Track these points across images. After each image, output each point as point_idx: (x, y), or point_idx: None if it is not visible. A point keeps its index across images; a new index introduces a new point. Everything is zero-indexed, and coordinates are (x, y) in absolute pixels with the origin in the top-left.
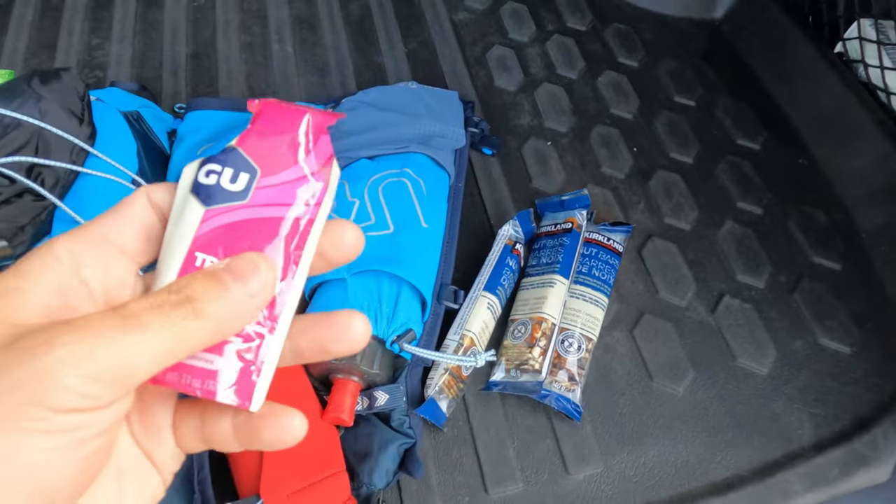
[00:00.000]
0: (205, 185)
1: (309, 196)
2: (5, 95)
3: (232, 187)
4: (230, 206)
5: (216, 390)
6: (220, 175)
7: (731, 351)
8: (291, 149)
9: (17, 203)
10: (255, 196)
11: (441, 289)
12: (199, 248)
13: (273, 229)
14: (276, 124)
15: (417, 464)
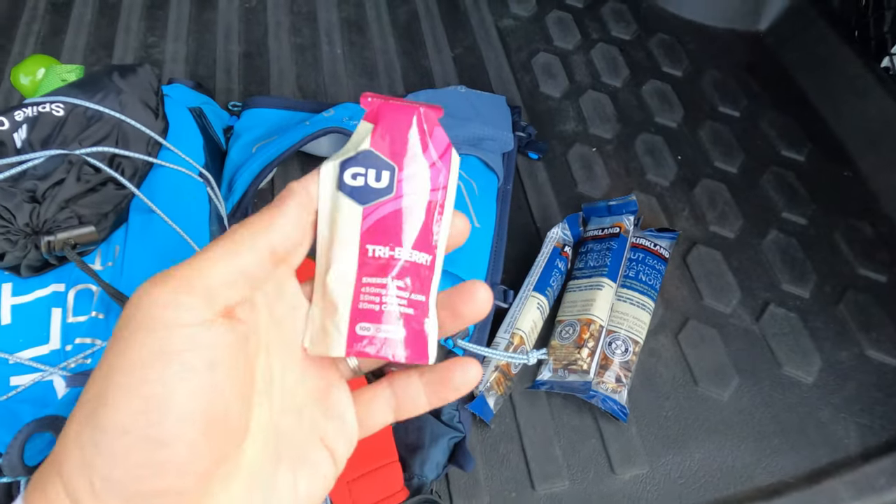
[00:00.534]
0: (356, 187)
1: (439, 180)
2: (88, 88)
3: (378, 185)
4: (382, 202)
5: (399, 353)
6: (365, 176)
7: (776, 359)
8: (416, 142)
9: (101, 191)
10: (399, 188)
11: (492, 288)
12: (369, 240)
13: (419, 214)
14: (395, 122)
15: (468, 457)
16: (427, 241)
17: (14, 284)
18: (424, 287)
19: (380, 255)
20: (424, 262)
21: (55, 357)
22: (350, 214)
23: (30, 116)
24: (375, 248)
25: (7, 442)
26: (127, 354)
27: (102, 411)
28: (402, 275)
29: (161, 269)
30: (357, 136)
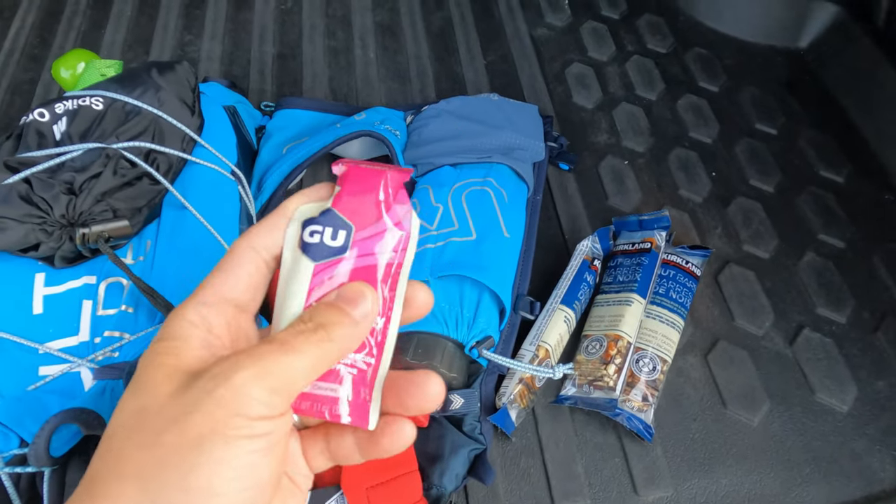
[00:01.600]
0: (311, 244)
1: (396, 243)
2: (127, 83)
3: (333, 243)
4: (334, 260)
5: (340, 414)
6: (322, 234)
7: (809, 385)
8: (377, 205)
9: (136, 186)
10: (353, 248)
11: (518, 299)
12: (317, 297)
13: (371, 275)
14: (361, 184)
15: (489, 470)
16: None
17: (47, 275)
18: (372, 350)
19: None
20: (374, 324)
21: (84, 349)
22: (303, 271)
23: (70, 109)
24: None
25: (34, 432)
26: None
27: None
28: None
29: (192, 266)
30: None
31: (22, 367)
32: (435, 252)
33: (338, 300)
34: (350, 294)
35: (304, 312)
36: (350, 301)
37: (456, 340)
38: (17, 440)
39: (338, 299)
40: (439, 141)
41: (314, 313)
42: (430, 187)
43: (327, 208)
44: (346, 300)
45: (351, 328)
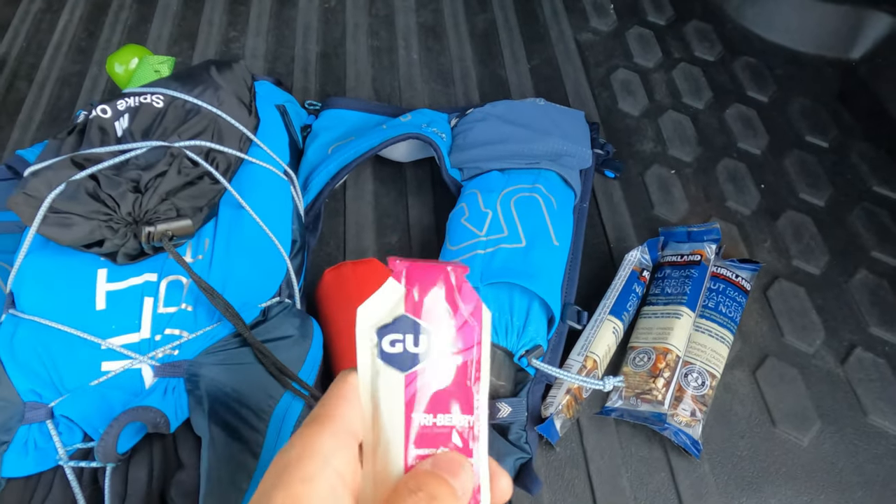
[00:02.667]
0: (396, 354)
1: (473, 337)
2: (187, 82)
3: (416, 350)
4: (422, 367)
5: None
6: (403, 342)
7: (861, 406)
8: (448, 303)
9: (198, 185)
10: (436, 351)
11: (565, 308)
12: (413, 409)
13: (458, 374)
14: (426, 283)
15: (536, 480)
16: (468, 402)
17: (109, 270)
18: (468, 451)
19: (425, 424)
20: (467, 423)
21: (145, 346)
22: (393, 383)
23: (131, 106)
24: (421, 418)
25: (96, 424)
26: None
27: None
28: (448, 442)
29: (248, 264)
30: (387, 299)
31: (85, 362)
32: (485, 258)
33: (437, 469)
34: (448, 465)
35: (412, 480)
36: (451, 472)
37: (505, 348)
38: (81, 434)
39: (436, 468)
40: (486, 145)
41: (423, 481)
42: (479, 192)
43: (401, 314)
44: (447, 470)
45: (454, 499)
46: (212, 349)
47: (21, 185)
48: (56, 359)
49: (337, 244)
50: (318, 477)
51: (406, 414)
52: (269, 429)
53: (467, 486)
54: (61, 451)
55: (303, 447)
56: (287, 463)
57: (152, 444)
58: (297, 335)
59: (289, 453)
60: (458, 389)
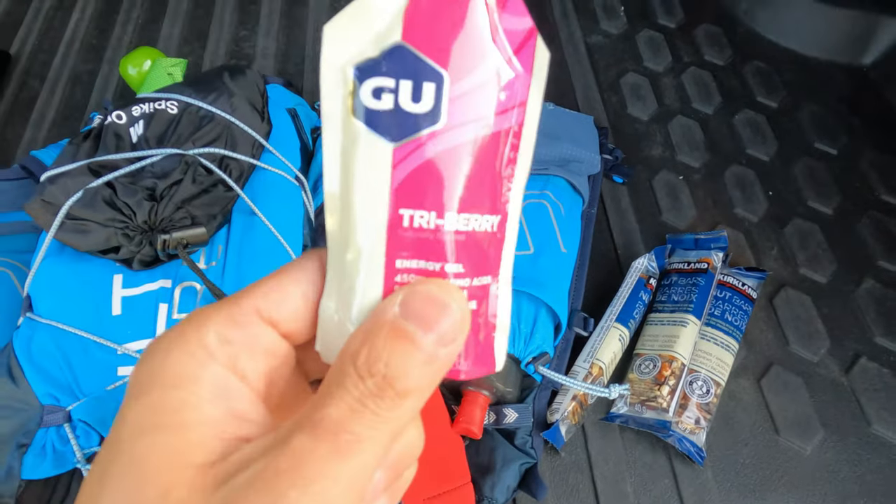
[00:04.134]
0: (382, 112)
1: (514, 92)
2: (201, 88)
3: (417, 108)
4: (423, 136)
5: (462, 366)
6: (396, 93)
7: (865, 416)
8: (478, 25)
9: (212, 193)
10: (450, 113)
11: (572, 314)
12: (404, 202)
13: (482, 154)
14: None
15: (541, 485)
16: (494, 196)
17: (124, 276)
18: (490, 264)
19: (420, 226)
20: (489, 227)
21: None
22: (374, 158)
23: (146, 113)
24: (414, 215)
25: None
26: None
27: None
28: (456, 253)
29: (261, 270)
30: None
31: (102, 367)
32: None
33: (404, 318)
34: (423, 310)
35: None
36: (425, 322)
37: (512, 355)
38: (98, 437)
39: (403, 315)
40: None
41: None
42: None
43: (397, 43)
44: (418, 318)
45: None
46: None
47: (38, 190)
48: (73, 363)
49: None
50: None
51: (392, 207)
52: None
53: (451, 332)
54: (79, 455)
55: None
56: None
57: None
58: None
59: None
60: (478, 174)
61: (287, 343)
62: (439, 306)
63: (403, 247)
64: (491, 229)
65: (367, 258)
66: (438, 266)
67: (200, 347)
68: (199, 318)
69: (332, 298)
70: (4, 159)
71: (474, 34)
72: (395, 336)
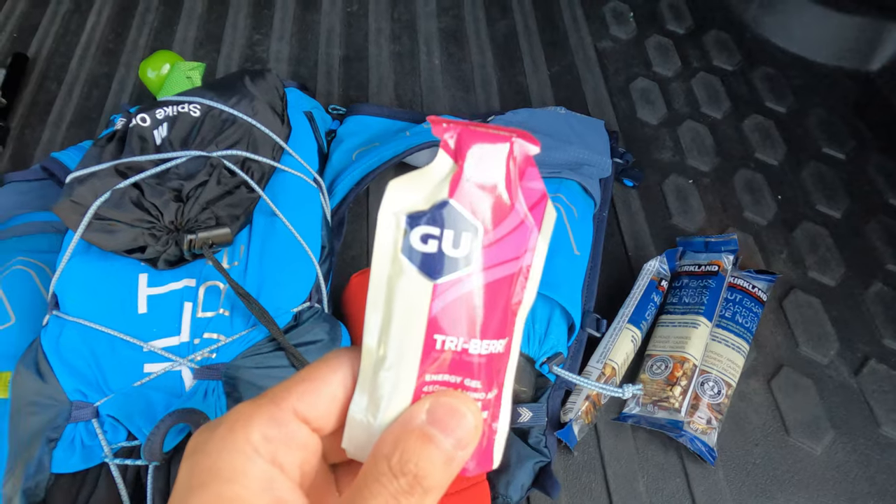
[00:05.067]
0: (427, 254)
1: (528, 241)
2: (223, 91)
3: (455, 253)
4: (458, 277)
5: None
6: (440, 240)
7: (875, 417)
8: (505, 188)
9: (236, 194)
10: (481, 259)
11: (585, 316)
12: (438, 329)
13: (501, 291)
14: (483, 161)
15: (556, 484)
16: (507, 323)
17: (149, 275)
18: (498, 379)
19: (450, 349)
20: (499, 349)
21: (184, 349)
22: (416, 292)
23: (170, 115)
24: (445, 340)
25: (140, 424)
26: None
27: None
28: (476, 372)
29: (281, 271)
30: (431, 174)
31: (129, 364)
32: None
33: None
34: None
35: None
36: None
37: (527, 355)
38: (125, 433)
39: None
40: None
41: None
42: None
43: (443, 200)
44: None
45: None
46: (247, 353)
47: (66, 191)
48: (100, 360)
49: (360, 248)
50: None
51: (428, 333)
52: None
53: (467, 438)
54: (106, 449)
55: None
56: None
57: None
58: (327, 339)
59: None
60: (497, 306)
61: (317, 436)
62: (458, 416)
63: (433, 364)
64: (502, 350)
65: (401, 373)
66: (459, 380)
67: (247, 444)
68: (244, 417)
69: (362, 402)
70: (23, 160)
71: (503, 196)
72: (424, 440)
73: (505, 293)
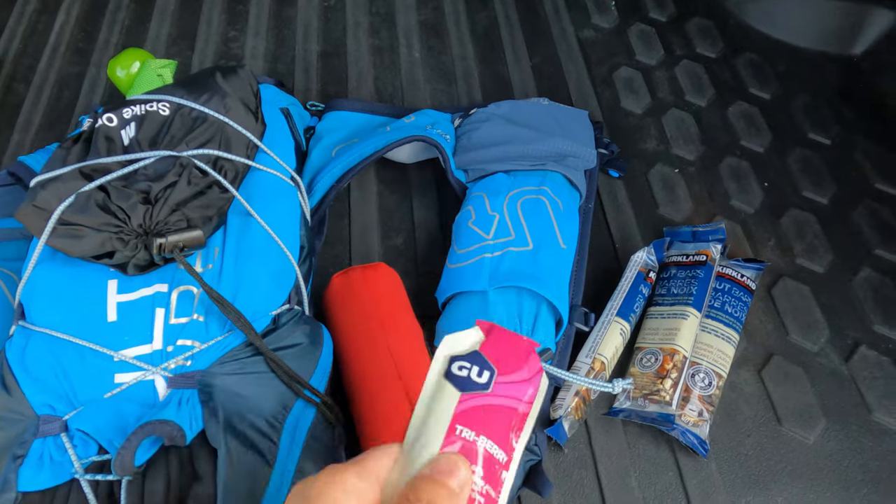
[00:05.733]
0: (459, 377)
1: (527, 394)
2: (193, 89)
3: (478, 380)
4: (478, 394)
5: None
6: (469, 370)
7: (866, 404)
8: (517, 360)
9: (207, 194)
10: (494, 388)
11: (572, 310)
12: (459, 422)
13: (505, 416)
14: (503, 341)
15: (547, 483)
16: (506, 443)
17: (119, 281)
18: (497, 483)
19: (465, 437)
20: (501, 459)
21: (157, 357)
22: (449, 396)
23: (137, 115)
24: (463, 430)
25: (111, 437)
26: None
27: None
28: (477, 461)
29: (258, 273)
30: (468, 338)
31: (99, 375)
32: (493, 262)
33: (436, 473)
34: (446, 466)
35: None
36: (448, 473)
37: None
38: (96, 447)
39: (435, 472)
40: (490, 146)
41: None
42: (486, 195)
43: (476, 351)
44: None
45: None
46: (224, 359)
47: (30, 196)
48: (69, 371)
49: (342, 246)
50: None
51: (451, 423)
52: (282, 437)
53: (465, 483)
54: (77, 465)
55: (327, 479)
56: (310, 493)
57: (168, 456)
58: (308, 343)
59: (313, 485)
60: (500, 428)
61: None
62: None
63: (451, 444)
64: (502, 460)
65: (430, 446)
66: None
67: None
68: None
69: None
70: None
71: (515, 362)
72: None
73: (507, 417)
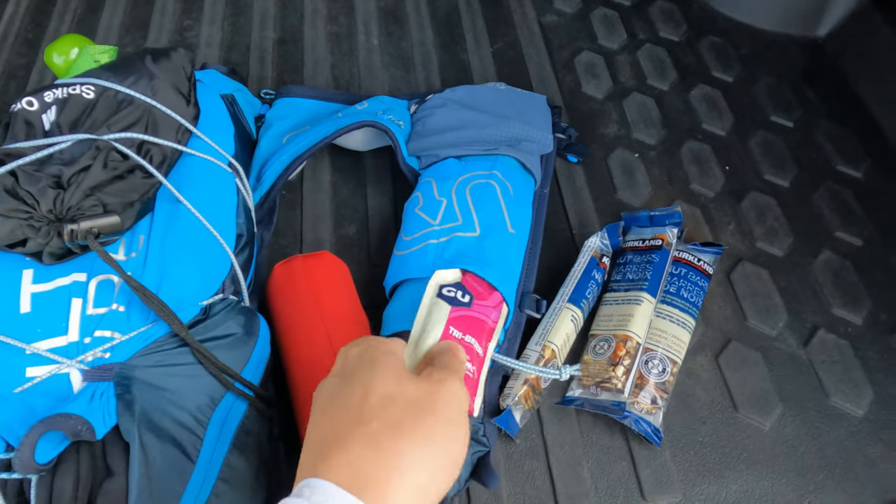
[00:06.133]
0: (448, 297)
1: (493, 315)
2: (120, 71)
3: (462, 300)
4: (462, 308)
5: None
6: (455, 293)
7: (823, 388)
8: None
9: (128, 179)
10: (473, 307)
11: (523, 297)
12: (451, 324)
13: (481, 326)
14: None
15: (493, 475)
16: (482, 344)
17: (35, 271)
18: (479, 367)
19: (455, 335)
20: (479, 353)
21: (73, 349)
22: (442, 309)
23: (59, 98)
24: (454, 330)
25: (20, 433)
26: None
27: None
28: (467, 352)
29: (186, 261)
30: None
31: (8, 369)
32: (438, 248)
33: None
34: (452, 345)
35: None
36: (455, 347)
37: None
38: (4, 445)
39: (445, 347)
40: (444, 132)
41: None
42: (434, 180)
43: (459, 281)
44: (452, 347)
45: (461, 364)
46: (147, 350)
47: None
48: None
49: (293, 237)
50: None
51: (446, 325)
52: (208, 431)
53: (464, 357)
54: None
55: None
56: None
57: (80, 452)
58: (241, 333)
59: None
60: (478, 332)
61: None
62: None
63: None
64: (480, 353)
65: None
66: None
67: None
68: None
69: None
70: None
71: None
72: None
73: (481, 326)
